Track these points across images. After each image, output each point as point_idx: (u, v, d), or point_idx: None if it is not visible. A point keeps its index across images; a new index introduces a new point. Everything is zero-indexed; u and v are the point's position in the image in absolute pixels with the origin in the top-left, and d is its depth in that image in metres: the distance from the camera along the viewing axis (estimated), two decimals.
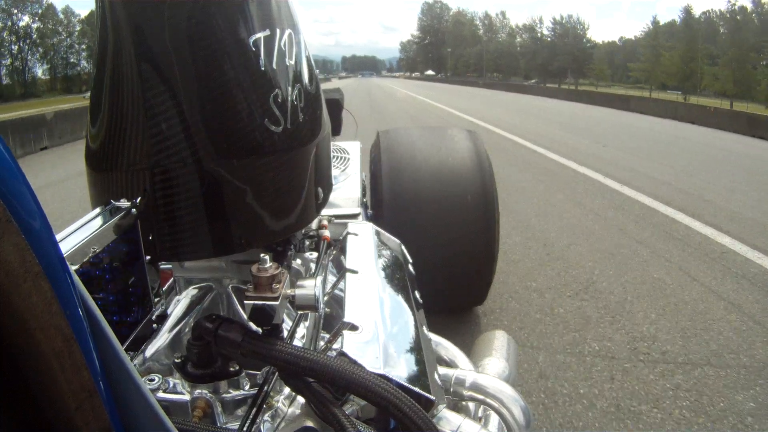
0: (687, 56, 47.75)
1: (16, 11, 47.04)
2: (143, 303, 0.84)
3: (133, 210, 0.80)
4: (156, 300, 0.88)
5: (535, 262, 3.67)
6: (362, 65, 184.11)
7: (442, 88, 42.79)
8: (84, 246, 0.69)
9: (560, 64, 65.87)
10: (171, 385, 0.89)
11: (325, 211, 1.42)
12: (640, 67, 56.22)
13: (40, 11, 48.58)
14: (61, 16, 49.06)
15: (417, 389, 0.75)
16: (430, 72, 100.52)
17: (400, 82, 68.84)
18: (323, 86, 1.29)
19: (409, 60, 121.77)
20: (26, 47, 48.51)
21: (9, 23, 46.96)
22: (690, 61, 47.65)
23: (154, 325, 0.89)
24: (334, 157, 2.32)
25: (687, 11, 51.45)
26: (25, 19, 48.01)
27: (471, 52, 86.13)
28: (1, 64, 46.97)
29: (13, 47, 47.23)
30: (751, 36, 42.70)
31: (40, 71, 50.63)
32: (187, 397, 0.86)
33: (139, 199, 0.81)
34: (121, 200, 0.81)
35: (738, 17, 45.10)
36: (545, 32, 72.89)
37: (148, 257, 0.83)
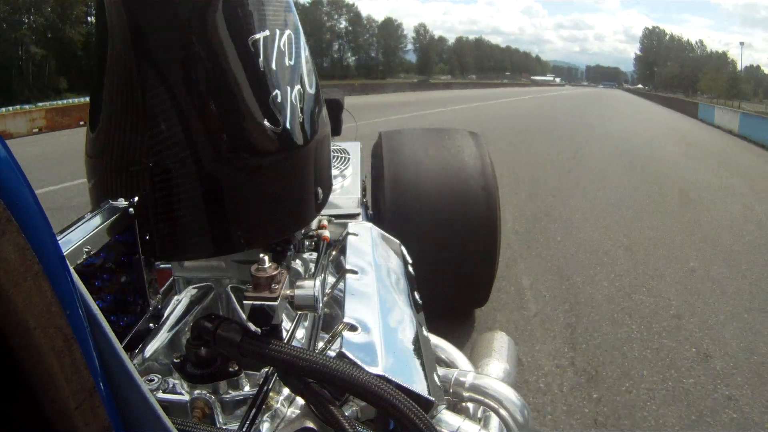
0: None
1: (336, 17, 72.55)
2: (140, 302, 0.84)
3: (131, 210, 0.80)
4: (157, 297, 0.88)
5: None
6: (605, 75, 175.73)
7: (622, 96, 52.61)
8: (81, 246, 0.68)
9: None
10: (170, 385, 0.89)
11: (325, 211, 1.42)
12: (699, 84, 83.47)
13: (352, 15, 73.66)
14: (365, 21, 76.37)
15: (416, 390, 0.75)
16: (639, 86, 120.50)
17: (621, 94, 69.65)
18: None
19: (639, 74, 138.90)
20: (345, 44, 74.99)
21: (331, 24, 71.74)
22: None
23: (151, 325, 0.89)
24: (334, 157, 2.31)
25: None
26: (343, 23, 73.18)
27: (664, 71, 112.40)
28: (329, 55, 72.55)
29: (335, 44, 73.34)
30: None
31: (350, 60, 77.05)
32: (186, 397, 0.86)
33: (137, 198, 0.81)
34: (119, 200, 0.81)
35: None
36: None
37: (144, 257, 0.83)
